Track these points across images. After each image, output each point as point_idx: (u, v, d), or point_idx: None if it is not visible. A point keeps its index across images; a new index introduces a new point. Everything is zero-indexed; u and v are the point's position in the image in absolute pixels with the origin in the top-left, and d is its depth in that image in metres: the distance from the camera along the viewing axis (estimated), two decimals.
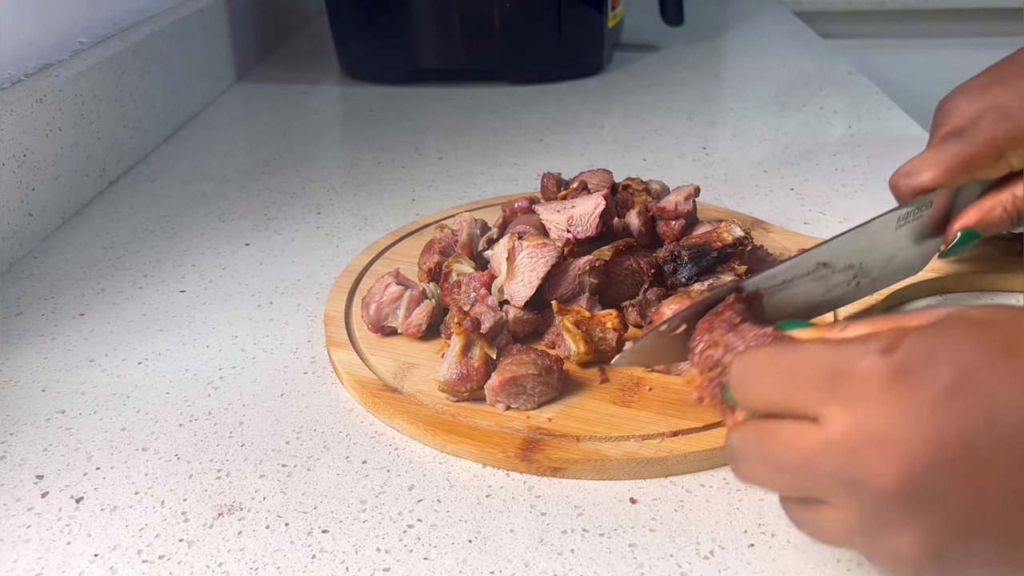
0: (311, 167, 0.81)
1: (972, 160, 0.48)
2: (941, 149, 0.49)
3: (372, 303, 0.51)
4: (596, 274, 0.51)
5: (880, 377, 0.28)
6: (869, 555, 0.31)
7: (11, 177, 0.62)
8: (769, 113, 0.94)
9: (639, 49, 1.20)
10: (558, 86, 1.04)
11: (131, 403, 0.48)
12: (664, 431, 0.43)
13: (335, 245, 0.66)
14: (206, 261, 0.63)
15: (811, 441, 0.29)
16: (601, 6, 1.04)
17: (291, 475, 0.42)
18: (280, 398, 0.48)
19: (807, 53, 1.18)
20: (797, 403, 0.30)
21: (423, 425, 0.44)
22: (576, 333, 0.48)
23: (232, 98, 1.02)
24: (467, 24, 1.01)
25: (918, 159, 0.49)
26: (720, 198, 0.72)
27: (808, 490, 0.31)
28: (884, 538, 0.29)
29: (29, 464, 0.43)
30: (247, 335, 0.54)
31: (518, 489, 0.41)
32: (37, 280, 0.61)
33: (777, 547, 0.38)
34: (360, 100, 1.01)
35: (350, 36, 1.07)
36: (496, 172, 0.79)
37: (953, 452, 0.27)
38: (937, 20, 1.61)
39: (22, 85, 0.66)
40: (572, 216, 0.54)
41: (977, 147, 0.48)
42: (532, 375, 0.44)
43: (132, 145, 0.80)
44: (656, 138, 0.87)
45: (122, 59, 0.78)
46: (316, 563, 0.37)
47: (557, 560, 0.37)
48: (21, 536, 0.39)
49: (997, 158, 0.48)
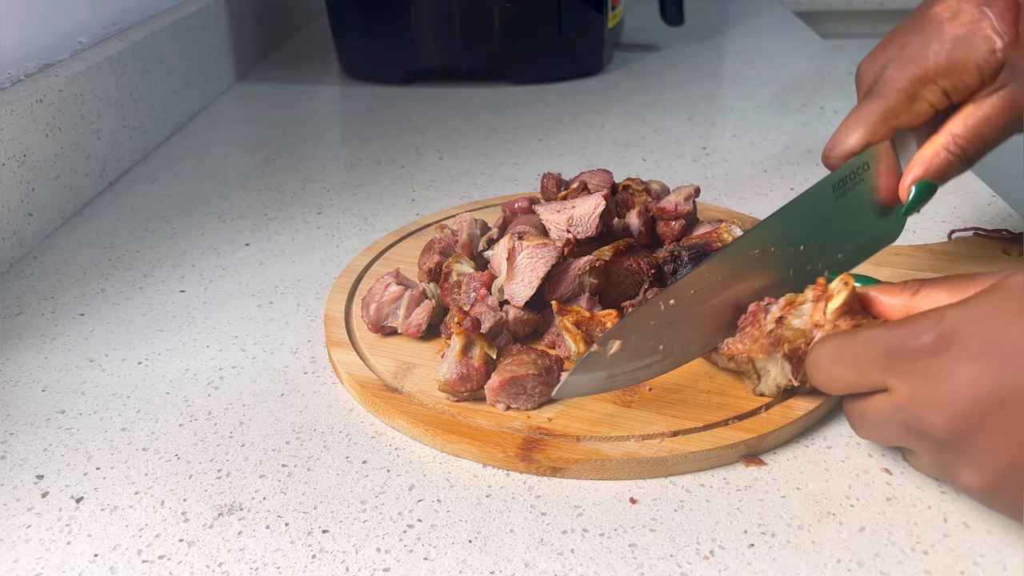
0: (311, 167, 0.81)
1: (888, 111, 0.47)
2: (857, 111, 0.48)
3: (372, 303, 0.51)
4: (596, 274, 0.51)
5: (926, 353, 0.35)
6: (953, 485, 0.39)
7: (11, 177, 0.62)
8: (769, 113, 0.94)
9: (639, 49, 1.20)
10: (558, 86, 1.04)
11: (131, 403, 0.48)
12: (664, 431, 0.43)
13: (335, 245, 0.66)
14: (206, 261, 0.63)
15: (886, 406, 0.37)
16: (601, 6, 1.04)
17: (291, 475, 0.42)
18: (280, 398, 0.48)
19: (807, 53, 1.18)
20: (866, 381, 0.38)
21: (423, 425, 0.44)
22: (576, 333, 0.48)
23: (232, 98, 1.02)
24: (467, 24, 1.01)
25: (839, 128, 0.49)
26: (720, 198, 0.72)
27: (896, 441, 0.39)
28: (952, 475, 0.36)
29: (29, 464, 0.43)
30: (247, 335, 0.54)
31: (518, 489, 0.41)
32: (37, 280, 0.61)
33: (777, 547, 0.38)
34: (360, 100, 1.01)
35: (350, 36, 1.07)
36: (496, 172, 0.79)
37: (987, 405, 0.33)
38: None
39: (22, 85, 0.66)
40: (572, 216, 0.54)
41: (887, 97, 0.47)
42: (532, 375, 0.44)
43: (132, 145, 0.80)
44: (656, 138, 0.87)
45: (122, 59, 0.78)
46: (316, 563, 0.37)
47: (557, 560, 0.37)
48: (21, 536, 0.39)
49: (911, 101, 0.47)
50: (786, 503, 0.40)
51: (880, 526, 0.39)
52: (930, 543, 0.38)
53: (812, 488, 0.41)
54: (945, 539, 0.38)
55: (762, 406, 0.45)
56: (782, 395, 0.45)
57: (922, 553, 0.37)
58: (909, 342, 0.36)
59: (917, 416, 0.35)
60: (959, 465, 0.35)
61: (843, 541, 0.38)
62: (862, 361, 0.38)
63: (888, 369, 0.36)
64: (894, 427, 0.37)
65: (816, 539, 0.38)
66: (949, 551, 0.37)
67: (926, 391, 0.35)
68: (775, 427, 0.43)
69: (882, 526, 0.39)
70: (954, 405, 0.34)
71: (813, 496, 0.40)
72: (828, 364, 0.39)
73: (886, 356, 0.36)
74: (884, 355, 0.37)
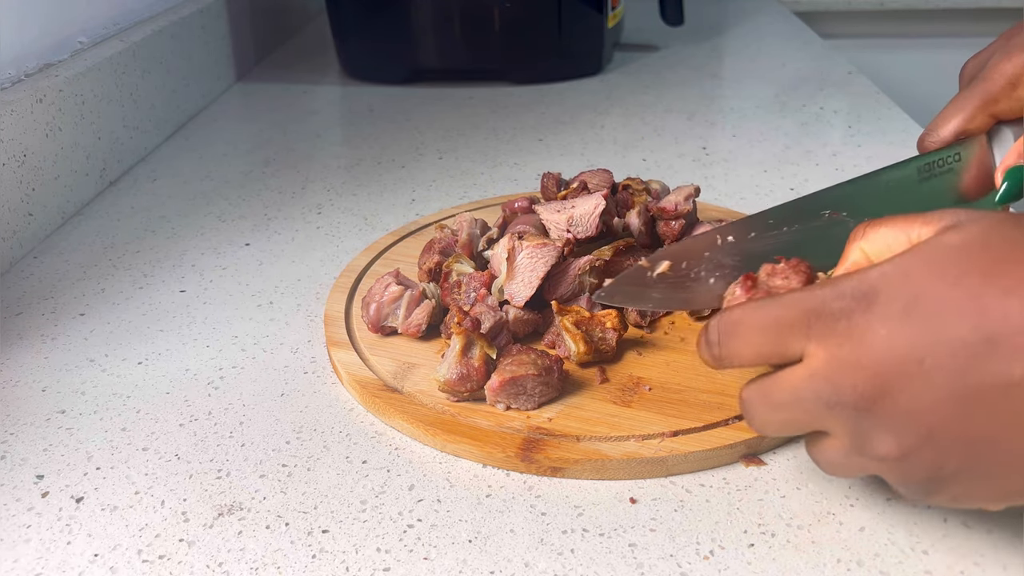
0: (311, 167, 0.81)
1: (987, 95, 0.46)
2: (958, 98, 0.48)
3: (372, 303, 0.51)
4: (596, 274, 0.51)
5: (847, 313, 0.33)
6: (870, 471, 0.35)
7: (11, 177, 0.62)
8: (769, 113, 0.94)
9: (639, 49, 1.20)
10: (558, 86, 1.04)
11: (131, 403, 0.48)
12: (664, 431, 0.43)
13: (335, 245, 0.66)
14: (206, 261, 0.63)
15: (797, 376, 0.34)
16: (601, 6, 1.04)
17: (291, 475, 0.42)
18: (280, 398, 0.48)
19: (807, 53, 1.18)
20: (784, 348, 0.34)
21: (423, 425, 0.44)
22: (576, 333, 0.48)
23: (232, 98, 1.02)
24: (467, 24, 1.01)
25: (938, 115, 0.48)
26: (720, 198, 0.72)
27: (806, 423, 0.35)
28: (870, 449, 0.33)
29: (29, 464, 0.43)
30: (247, 335, 0.54)
31: (518, 489, 0.41)
32: (37, 280, 0.61)
33: (777, 547, 0.38)
34: (360, 100, 1.01)
35: (350, 36, 1.07)
36: (496, 172, 0.79)
37: (907, 365, 0.31)
38: (937, 20, 1.61)
39: (22, 85, 0.66)
40: (572, 216, 0.54)
41: (990, 82, 0.46)
42: (532, 375, 0.44)
43: (132, 145, 0.80)
44: (656, 138, 0.87)
45: (122, 59, 0.78)
46: (316, 563, 0.37)
47: (557, 560, 0.37)
48: (21, 536, 0.39)
49: (1013, 87, 0.46)
50: (786, 503, 0.40)
51: (880, 526, 0.39)
52: (930, 543, 0.38)
53: (812, 488, 0.41)
54: (945, 539, 0.38)
55: None
56: None
57: (922, 553, 0.37)
58: (831, 303, 0.33)
59: (834, 381, 0.33)
60: (876, 434, 0.33)
61: (843, 541, 0.38)
62: (781, 324, 0.34)
63: (807, 333, 0.34)
64: (805, 403, 0.34)
65: (816, 539, 0.38)
66: (949, 551, 0.37)
67: (843, 352, 0.33)
68: None
69: (882, 526, 0.39)
70: (874, 367, 0.32)
71: (813, 496, 0.40)
72: (745, 329, 0.36)
73: (806, 318, 0.34)
74: (803, 318, 0.34)
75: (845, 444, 0.34)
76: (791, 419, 0.35)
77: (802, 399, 0.34)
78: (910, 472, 0.33)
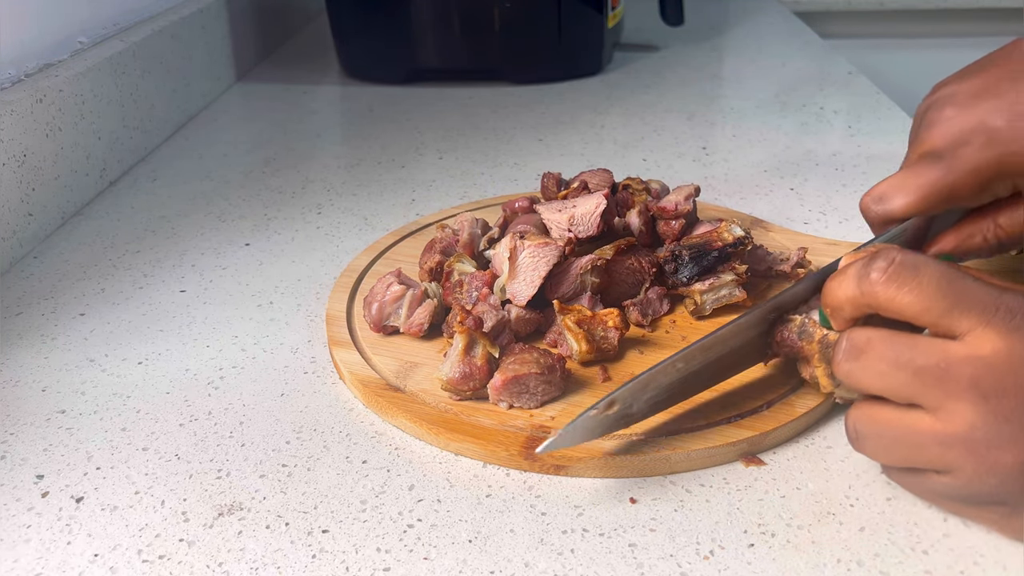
0: (311, 167, 0.81)
1: (952, 189, 0.43)
2: (917, 173, 0.44)
3: (374, 302, 0.51)
4: (598, 273, 0.51)
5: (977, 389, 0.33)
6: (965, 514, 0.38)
7: (11, 177, 0.62)
8: (769, 113, 0.94)
9: (639, 49, 1.20)
10: (558, 86, 1.04)
11: (131, 403, 0.48)
12: (666, 427, 0.43)
13: (335, 245, 0.66)
14: (206, 261, 0.63)
15: (926, 428, 0.34)
16: (601, 6, 1.04)
17: (291, 475, 0.42)
18: (280, 398, 0.48)
19: (807, 53, 1.18)
20: (911, 392, 0.34)
21: (426, 424, 0.44)
22: (578, 332, 0.48)
23: (232, 98, 1.02)
24: (467, 24, 1.01)
25: (892, 181, 0.44)
26: (720, 198, 0.72)
27: (920, 464, 0.36)
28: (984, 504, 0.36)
29: (29, 464, 0.43)
30: (247, 335, 0.54)
31: (518, 489, 0.41)
32: (37, 280, 0.61)
33: (777, 547, 0.38)
34: (360, 100, 1.01)
35: (350, 36, 1.07)
36: (496, 172, 0.79)
37: None
38: (937, 20, 1.61)
39: (22, 85, 0.66)
40: (573, 215, 0.54)
41: (959, 175, 0.43)
42: (535, 374, 0.44)
43: (132, 145, 0.80)
44: (656, 138, 0.87)
45: (122, 59, 0.78)
46: (316, 563, 0.37)
47: (557, 560, 0.37)
48: (21, 536, 0.39)
49: (981, 189, 0.43)
50: (786, 503, 0.40)
51: (880, 526, 0.39)
52: (930, 543, 0.38)
53: (812, 488, 0.41)
54: (945, 539, 0.38)
55: (763, 404, 0.45)
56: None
57: (922, 553, 0.37)
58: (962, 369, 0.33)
59: (975, 455, 0.33)
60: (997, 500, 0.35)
61: (843, 541, 0.38)
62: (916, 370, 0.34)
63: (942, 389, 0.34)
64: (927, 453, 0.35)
65: (816, 539, 0.38)
66: (949, 551, 0.37)
67: (988, 435, 0.33)
68: (777, 425, 0.43)
69: (882, 526, 0.39)
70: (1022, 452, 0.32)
71: (813, 496, 0.40)
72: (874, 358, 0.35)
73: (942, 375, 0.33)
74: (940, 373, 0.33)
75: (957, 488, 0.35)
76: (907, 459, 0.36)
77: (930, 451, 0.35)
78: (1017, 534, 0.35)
